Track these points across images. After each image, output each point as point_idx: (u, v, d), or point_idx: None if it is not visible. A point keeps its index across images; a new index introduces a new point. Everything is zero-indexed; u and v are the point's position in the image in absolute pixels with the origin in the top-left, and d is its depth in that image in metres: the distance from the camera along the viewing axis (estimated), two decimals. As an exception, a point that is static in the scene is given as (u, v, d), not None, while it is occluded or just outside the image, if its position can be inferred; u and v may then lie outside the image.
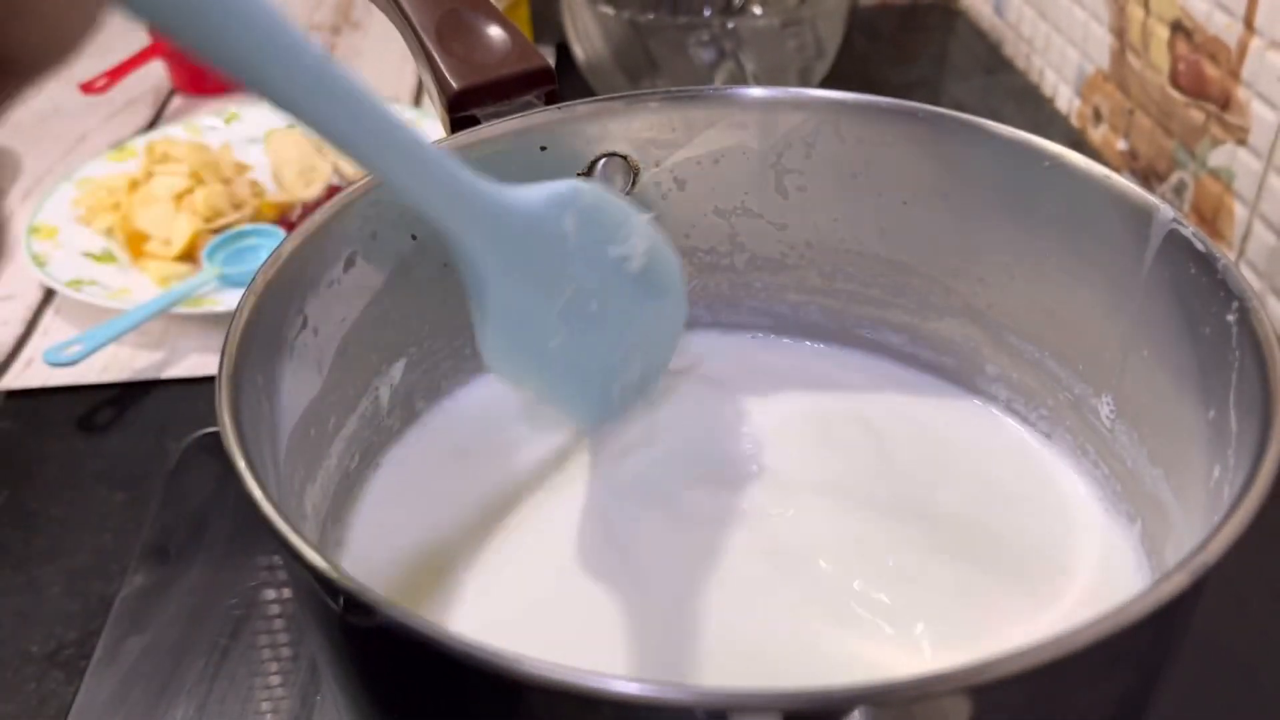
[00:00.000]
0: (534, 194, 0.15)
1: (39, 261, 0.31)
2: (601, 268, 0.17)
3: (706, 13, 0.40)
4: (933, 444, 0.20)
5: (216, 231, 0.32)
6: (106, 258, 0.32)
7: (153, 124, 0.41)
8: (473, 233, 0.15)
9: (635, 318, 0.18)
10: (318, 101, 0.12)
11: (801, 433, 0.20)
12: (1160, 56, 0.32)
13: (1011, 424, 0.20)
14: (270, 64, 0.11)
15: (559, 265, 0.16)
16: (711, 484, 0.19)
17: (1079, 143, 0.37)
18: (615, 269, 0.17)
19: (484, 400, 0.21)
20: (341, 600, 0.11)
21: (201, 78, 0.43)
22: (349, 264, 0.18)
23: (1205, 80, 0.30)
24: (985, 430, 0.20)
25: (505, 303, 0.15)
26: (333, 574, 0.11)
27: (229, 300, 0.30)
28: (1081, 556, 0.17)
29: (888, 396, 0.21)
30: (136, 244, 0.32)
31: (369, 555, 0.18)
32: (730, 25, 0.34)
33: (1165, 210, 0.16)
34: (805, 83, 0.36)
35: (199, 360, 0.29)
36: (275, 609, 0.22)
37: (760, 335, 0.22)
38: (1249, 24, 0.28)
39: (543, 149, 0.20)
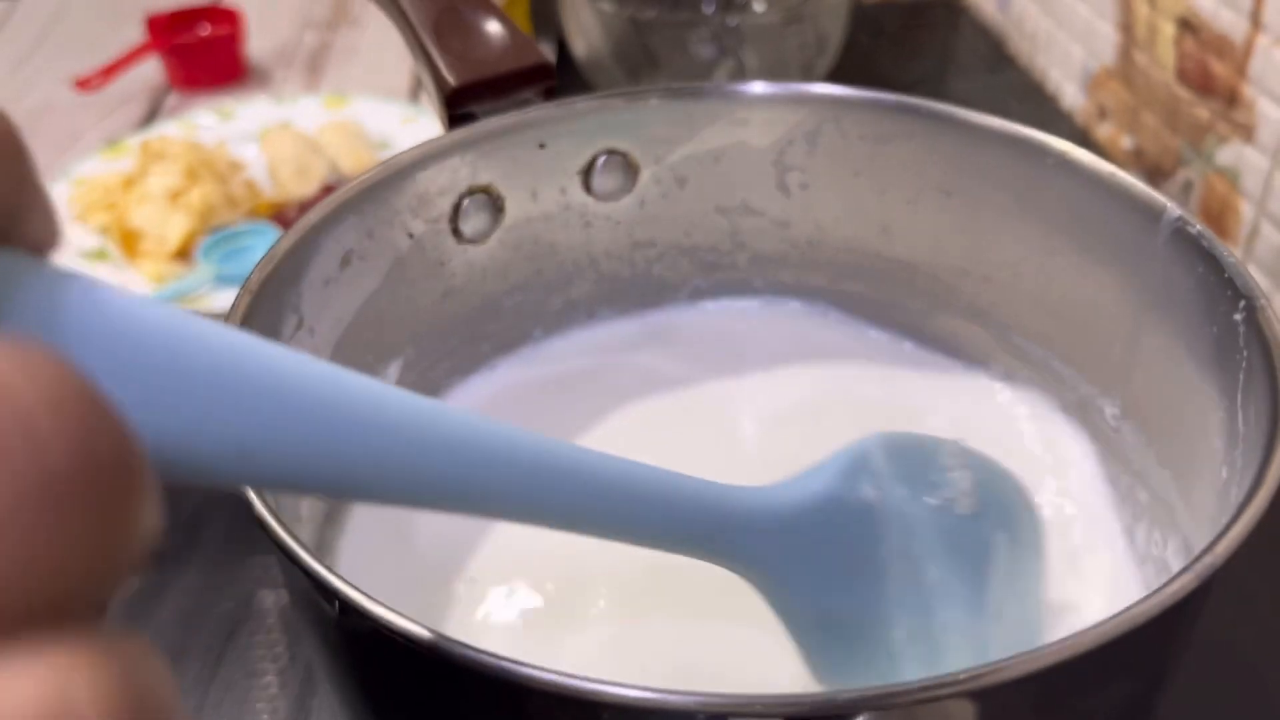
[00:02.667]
0: (814, 482, 0.13)
1: (35, 260, 0.31)
2: (925, 523, 0.14)
3: (707, 9, 0.40)
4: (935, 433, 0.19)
5: (212, 230, 0.32)
6: (101, 256, 0.32)
7: (148, 121, 0.41)
8: (760, 559, 0.12)
9: (986, 561, 0.14)
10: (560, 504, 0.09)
11: (803, 420, 0.20)
12: (1166, 53, 0.32)
13: (1018, 420, 0.20)
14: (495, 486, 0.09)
15: (872, 539, 0.13)
16: (708, 469, 0.18)
17: (1084, 140, 0.37)
18: (945, 520, 0.14)
19: (481, 401, 0.21)
20: (337, 604, 0.11)
21: (197, 75, 0.42)
22: (345, 262, 0.18)
23: (1211, 77, 0.30)
24: (990, 427, 0.20)
25: (828, 615, 0.13)
26: (328, 578, 0.11)
27: (224, 299, 0.30)
28: (1088, 558, 0.17)
29: (894, 379, 0.20)
30: (131, 242, 0.32)
31: (365, 559, 0.17)
32: (731, 22, 0.34)
33: (1171, 208, 0.16)
34: (807, 79, 0.36)
35: (196, 359, 0.29)
36: (271, 613, 0.22)
37: (768, 298, 0.21)
38: (1256, 21, 0.28)
39: (541, 146, 0.19)
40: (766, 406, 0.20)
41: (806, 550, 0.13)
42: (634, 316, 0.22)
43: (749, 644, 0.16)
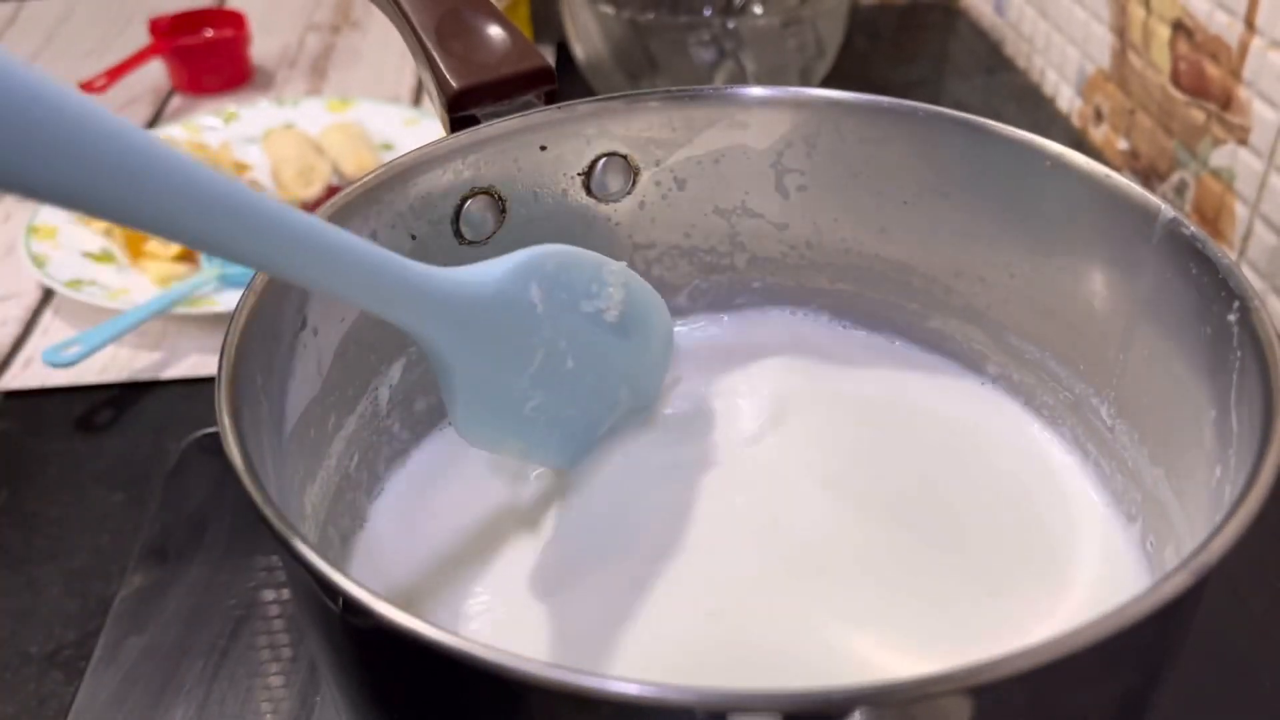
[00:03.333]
0: (492, 271, 0.15)
1: (38, 262, 0.31)
2: (575, 326, 0.16)
3: (707, 12, 0.40)
4: (932, 439, 0.20)
5: (216, 231, 0.32)
6: (106, 258, 0.32)
7: (152, 123, 0.41)
8: (430, 324, 0.14)
9: (616, 361, 0.17)
10: (232, 229, 0.11)
11: (801, 422, 0.20)
12: (1161, 56, 0.32)
13: (1013, 420, 0.20)
14: (156, 197, 0.10)
15: (528, 335, 0.16)
16: (712, 480, 0.19)
17: (1080, 142, 0.37)
18: (591, 323, 0.17)
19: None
20: (340, 601, 0.11)
21: (201, 77, 0.43)
22: (348, 264, 0.18)
23: (1206, 80, 0.30)
24: (986, 426, 0.20)
25: (475, 381, 0.15)
26: (332, 575, 0.11)
27: (228, 300, 0.30)
28: (1082, 556, 0.17)
29: (889, 382, 0.21)
30: (136, 244, 0.32)
31: (368, 556, 0.18)
32: (730, 25, 0.34)
33: (1166, 210, 0.16)
34: (806, 82, 0.36)
35: (198, 360, 0.29)
36: (275, 610, 0.22)
37: (761, 309, 0.22)
38: (1250, 23, 0.28)
39: (543, 148, 0.20)
40: (766, 411, 0.20)
41: (471, 330, 0.15)
42: None
43: (746, 639, 0.16)
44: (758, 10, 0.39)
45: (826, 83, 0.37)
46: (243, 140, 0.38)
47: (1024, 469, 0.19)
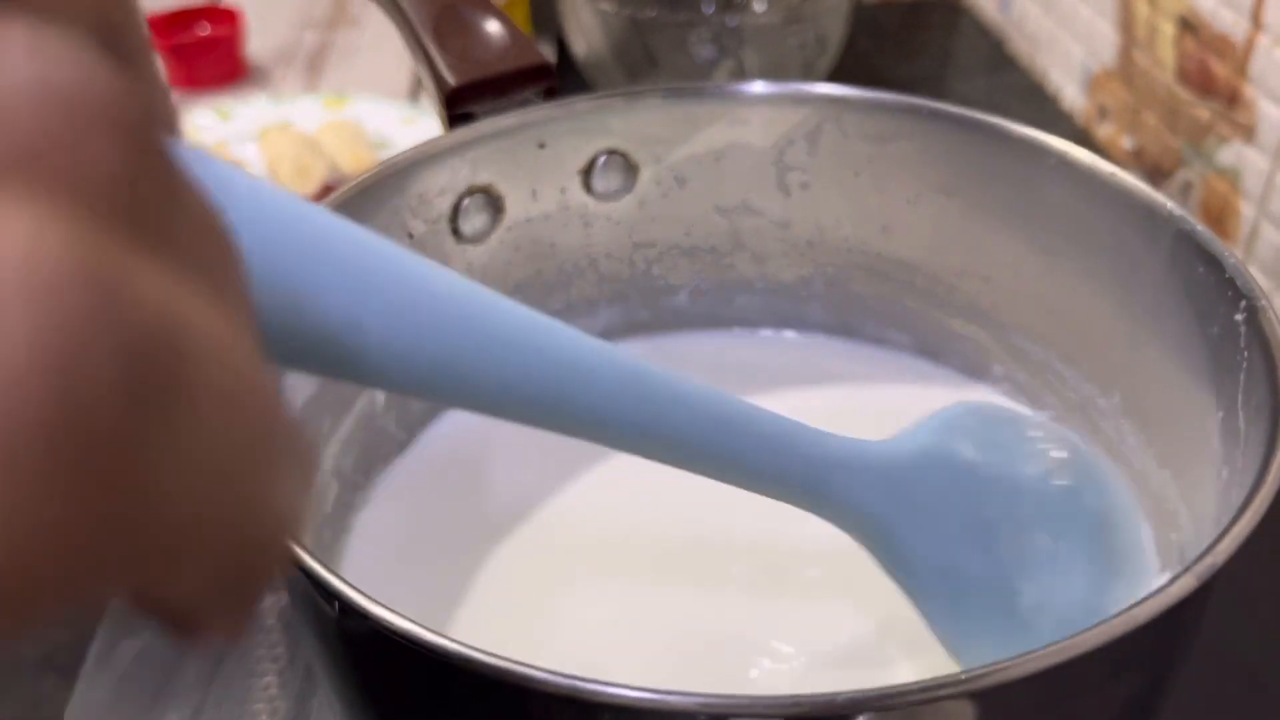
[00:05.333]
0: (911, 435, 0.13)
1: (34, 260, 0.31)
2: (1028, 490, 0.13)
3: (707, 9, 0.40)
4: None
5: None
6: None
7: (150, 121, 0.41)
8: (860, 506, 0.12)
9: (1094, 532, 0.14)
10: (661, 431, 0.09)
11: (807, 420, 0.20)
12: (1166, 54, 0.32)
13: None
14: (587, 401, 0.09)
15: (978, 501, 0.13)
16: (709, 486, 0.18)
17: (1084, 140, 0.37)
18: (1040, 487, 0.14)
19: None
20: (336, 604, 0.11)
21: (196, 74, 0.42)
22: (345, 262, 0.18)
23: (1212, 78, 0.30)
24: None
25: (941, 573, 0.13)
26: (328, 578, 0.11)
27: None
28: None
29: (892, 388, 0.21)
30: (133, 242, 0.32)
31: (364, 558, 0.17)
32: (731, 22, 0.34)
33: (1172, 209, 0.16)
34: (807, 80, 0.36)
35: (196, 359, 0.29)
36: (271, 613, 0.22)
37: (759, 330, 0.22)
38: (1256, 21, 0.28)
39: (541, 146, 0.19)
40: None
41: (910, 501, 0.12)
42: (641, 337, 0.22)
43: (754, 651, 0.16)
44: (759, 7, 0.39)
45: (829, 80, 0.37)
46: (239, 138, 0.37)
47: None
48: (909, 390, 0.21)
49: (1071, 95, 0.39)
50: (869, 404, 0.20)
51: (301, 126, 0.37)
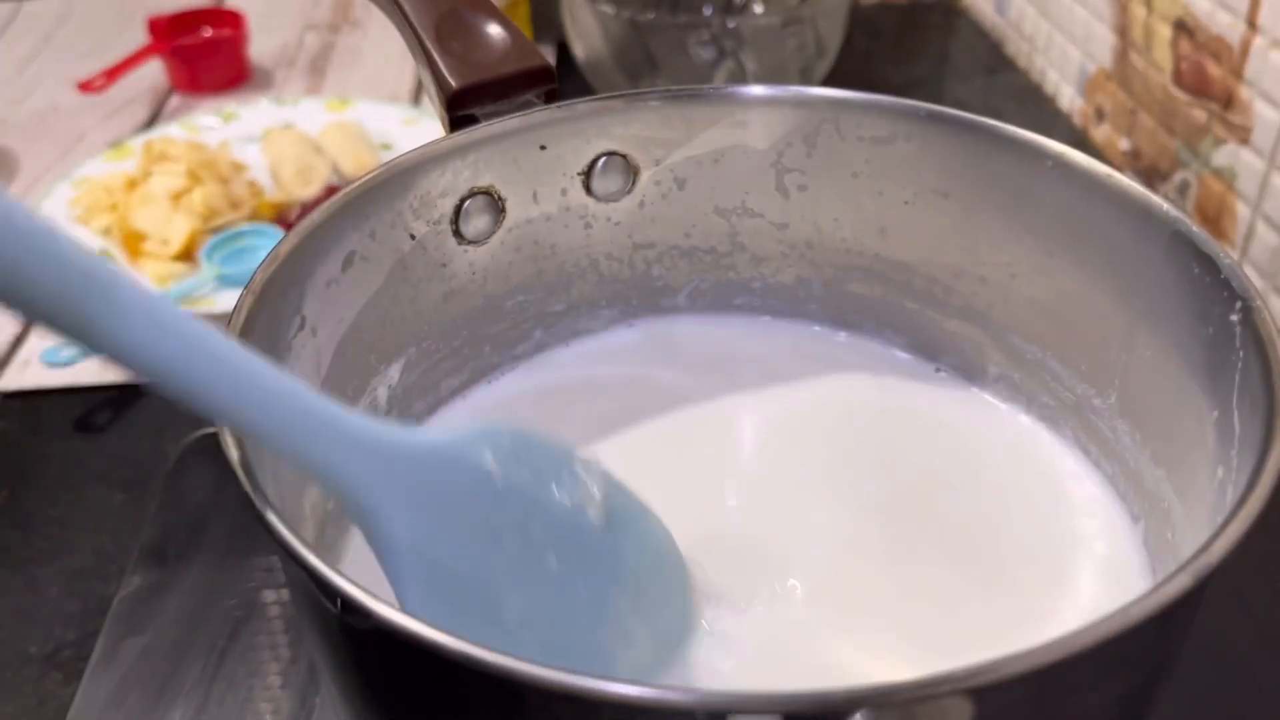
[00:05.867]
0: (440, 432, 0.14)
1: (37, 261, 0.31)
2: (550, 516, 0.14)
3: (707, 12, 0.40)
4: (934, 441, 0.19)
5: (214, 231, 0.32)
6: (104, 258, 0.32)
7: (151, 123, 0.41)
8: (360, 484, 0.12)
9: (616, 578, 0.14)
10: (162, 352, 0.10)
11: (800, 426, 0.20)
12: (1163, 55, 0.32)
13: (1014, 421, 0.20)
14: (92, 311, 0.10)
15: (488, 510, 0.13)
16: (707, 485, 0.19)
17: (1081, 142, 0.37)
18: (572, 520, 0.14)
19: (483, 405, 0.21)
20: (339, 602, 0.11)
21: (199, 77, 0.43)
22: (347, 264, 0.18)
23: (1208, 79, 0.30)
24: (988, 428, 0.20)
25: (430, 561, 0.13)
26: (330, 576, 0.11)
27: (227, 300, 0.30)
28: (1083, 557, 0.17)
29: (888, 387, 0.21)
30: (134, 244, 0.32)
31: (367, 556, 0.18)
32: (731, 24, 0.34)
33: (1168, 210, 0.16)
34: (806, 82, 0.36)
35: (198, 360, 0.29)
36: (274, 610, 0.22)
37: (759, 317, 0.22)
38: (1252, 23, 0.28)
39: (542, 148, 0.20)
40: (766, 416, 0.20)
41: (413, 490, 0.13)
42: (636, 326, 0.22)
43: (744, 642, 0.16)
44: (758, 10, 0.39)
45: (827, 82, 0.37)
46: (242, 140, 0.37)
47: (1025, 471, 0.19)
48: (901, 384, 0.21)
49: (1068, 97, 0.39)
50: (864, 399, 0.20)
51: (304, 128, 0.37)
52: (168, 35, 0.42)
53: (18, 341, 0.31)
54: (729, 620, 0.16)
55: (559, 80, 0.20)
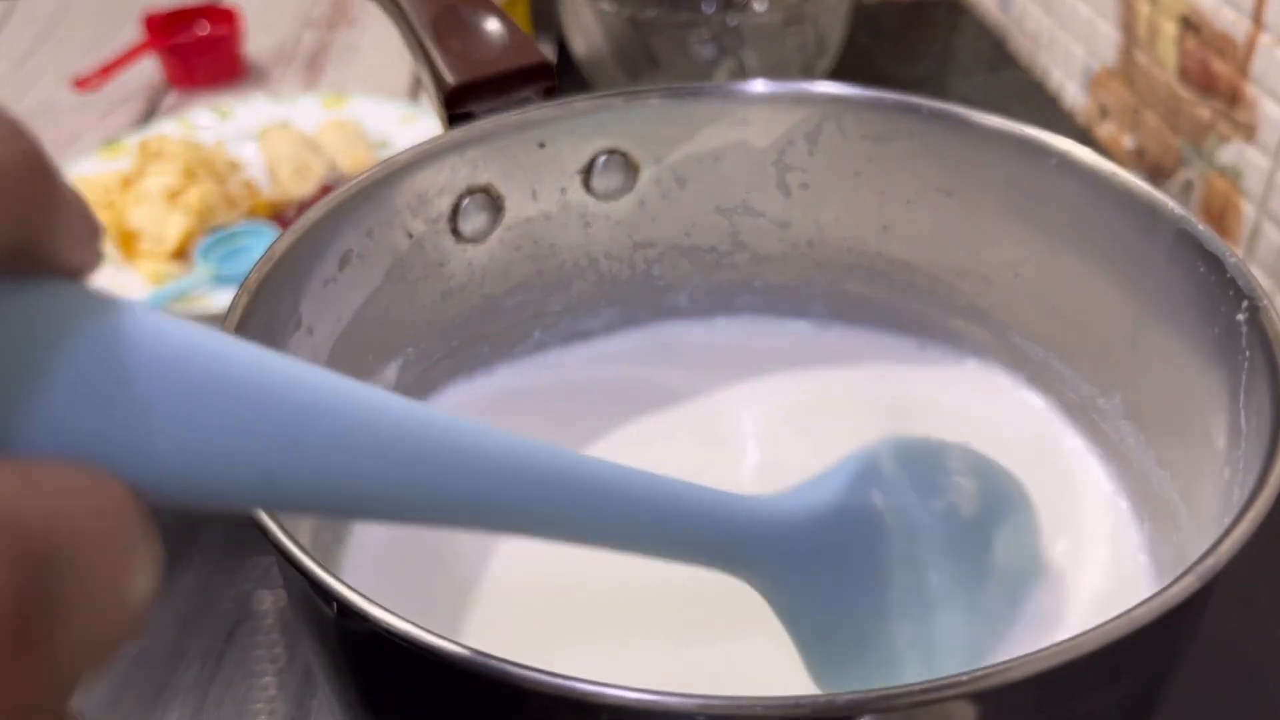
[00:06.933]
0: (825, 488, 0.13)
1: (33, 259, 0.31)
2: (929, 528, 0.14)
3: (707, 9, 0.40)
4: (939, 423, 0.19)
5: (210, 230, 0.32)
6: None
7: (146, 120, 0.41)
8: (769, 568, 0.12)
9: (984, 562, 0.14)
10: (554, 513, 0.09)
11: (801, 425, 0.20)
12: (1168, 53, 0.32)
13: (1024, 418, 0.20)
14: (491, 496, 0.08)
15: (879, 553, 0.13)
16: (708, 482, 0.18)
17: (1086, 140, 0.36)
18: (946, 523, 0.14)
19: (482, 403, 0.21)
20: (335, 605, 0.11)
21: (195, 74, 0.42)
22: (344, 262, 0.18)
23: (1213, 77, 0.30)
24: (997, 427, 0.20)
25: (829, 623, 0.13)
26: (327, 579, 0.11)
27: (222, 299, 0.30)
28: (1089, 559, 0.17)
29: (890, 384, 0.20)
30: (129, 242, 0.32)
31: (363, 559, 0.17)
32: (731, 22, 0.34)
33: (1173, 208, 0.16)
34: (808, 79, 0.36)
35: (195, 359, 0.29)
36: (270, 614, 0.22)
37: (760, 316, 0.22)
38: (1257, 20, 0.28)
39: (541, 145, 0.19)
40: (768, 415, 0.20)
41: (814, 559, 0.13)
42: (636, 326, 0.22)
43: (753, 651, 0.16)
44: (759, 7, 0.39)
45: (829, 80, 0.37)
46: (238, 137, 0.37)
47: (1030, 471, 0.19)
48: (906, 376, 0.20)
49: (1072, 94, 0.38)
50: (866, 395, 0.20)
51: (301, 126, 0.37)
52: (164, 32, 0.42)
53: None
54: (735, 618, 0.16)
55: (558, 77, 0.20)
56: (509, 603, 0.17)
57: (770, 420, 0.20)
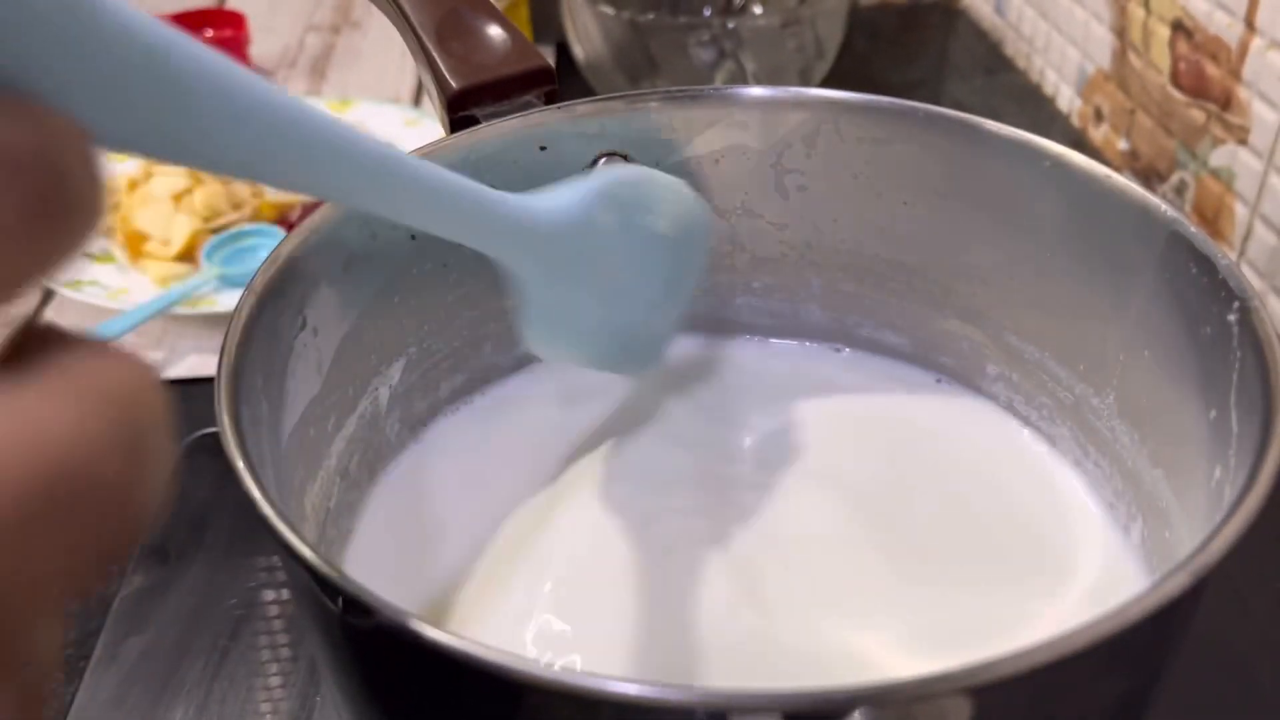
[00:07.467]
0: (569, 198, 0.15)
1: (38, 261, 0.31)
2: (635, 241, 0.17)
3: (706, 13, 0.40)
4: (933, 444, 0.20)
5: (215, 231, 0.32)
6: (105, 258, 0.32)
7: (152, 124, 0.41)
8: (511, 253, 0.14)
9: (664, 270, 0.18)
10: (315, 165, 0.10)
11: (801, 433, 0.20)
12: (1161, 56, 0.32)
13: (1013, 423, 0.20)
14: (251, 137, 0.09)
15: (598, 256, 0.16)
16: (712, 489, 0.19)
17: (1080, 143, 0.37)
18: (647, 235, 0.17)
19: (481, 401, 0.21)
20: (340, 601, 0.11)
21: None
22: (348, 264, 0.18)
23: (1206, 80, 0.30)
24: (986, 430, 0.20)
25: (548, 299, 0.15)
26: (331, 575, 0.11)
27: (228, 301, 0.30)
28: (1082, 557, 0.17)
29: (887, 396, 0.21)
30: (135, 244, 0.32)
31: (368, 555, 0.18)
32: (730, 25, 0.34)
33: (1166, 210, 0.16)
34: (805, 83, 0.36)
35: (198, 361, 0.29)
36: (275, 610, 0.22)
37: (759, 338, 0.22)
38: (1250, 23, 0.28)
39: (542, 149, 0.20)
40: (767, 417, 0.20)
41: (548, 256, 0.15)
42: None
43: (747, 639, 0.16)
44: (757, 10, 0.39)
45: (826, 83, 0.37)
46: (243, 140, 0.37)
47: (1023, 471, 0.19)
48: (903, 398, 0.21)
49: (1067, 97, 0.39)
50: (864, 413, 0.20)
51: (304, 129, 0.37)
52: (168, 36, 0.42)
53: (18, 341, 0.31)
54: (728, 623, 0.16)
55: (559, 81, 0.20)
56: (511, 596, 0.17)
57: (767, 424, 0.20)
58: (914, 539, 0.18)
